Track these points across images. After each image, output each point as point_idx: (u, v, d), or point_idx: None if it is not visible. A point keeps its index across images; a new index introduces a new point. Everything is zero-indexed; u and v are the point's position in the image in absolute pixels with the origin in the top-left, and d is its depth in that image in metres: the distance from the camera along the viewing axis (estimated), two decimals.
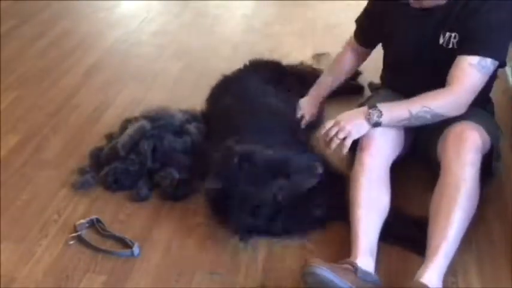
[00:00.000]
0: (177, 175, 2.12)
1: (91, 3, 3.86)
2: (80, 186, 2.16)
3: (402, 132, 1.94)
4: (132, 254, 1.87)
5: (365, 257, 1.72)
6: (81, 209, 2.08)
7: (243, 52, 3.13)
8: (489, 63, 1.85)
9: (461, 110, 1.86)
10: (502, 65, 1.92)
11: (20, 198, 2.15)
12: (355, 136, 1.83)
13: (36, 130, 2.53)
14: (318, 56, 2.99)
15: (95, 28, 3.56)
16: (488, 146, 1.90)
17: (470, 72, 1.83)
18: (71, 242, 1.94)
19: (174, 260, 1.88)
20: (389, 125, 1.86)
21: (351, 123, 1.83)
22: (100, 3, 3.86)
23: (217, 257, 1.88)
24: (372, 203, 1.80)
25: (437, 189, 1.80)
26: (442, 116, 1.85)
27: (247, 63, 2.59)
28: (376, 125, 1.83)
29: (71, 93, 2.81)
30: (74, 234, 1.96)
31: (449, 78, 1.85)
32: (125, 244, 1.92)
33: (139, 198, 2.11)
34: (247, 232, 1.86)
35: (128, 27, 3.52)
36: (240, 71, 2.53)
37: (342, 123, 1.82)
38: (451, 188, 1.75)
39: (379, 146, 1.85)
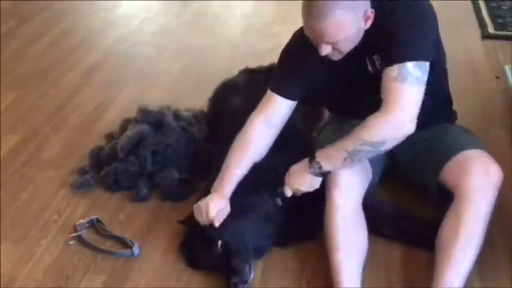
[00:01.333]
0: (177, 175, 2.12)
1: (91, 3, 3.86)
2: (79, 187, 2.16)
3: (367, 162, 1.84)
4: (132, 254, 1.87)
5: None
6: (81, 209, 2.08)
7: (243, 52, 3.13)
8: (411, 68, 1.67)
9: (406, 129, 1.68)
10: (438, 62, 1.79)
11: (20, 198, 2.15)
12: (311, 189, 1.79)
13: (36, 130, 2.53)
14: None
15: (95, 28, 3.56)
16: None
17: (394, 87, 1.67)
18: (71, 242, 1.94)
19: (174, 260, 1.88)
20: (337, 169, 1.76)
21: (302, 185, 1.78)
22: (100, 3, 3.86)
23: None
24: (350, 245, 1.73)
25: (453, 215, 1.73)
26: (384, 143, 1.68)
27: (249, 68, 2.54)
28: (323, 174, 1.76)
29: (71, 93, 2.81)
30: (74, 234, 1.96)
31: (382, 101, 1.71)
32: (125, 244, 1.92)
33: (139, 198, 2.11)
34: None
35: (128, 27, 3.52)
36: (244, 72, 2.50)
37: (295, 187, 1.79)
38: (473, 220, 1.70)
39: (347, 181, 1.76)
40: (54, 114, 2.65)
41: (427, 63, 1.70)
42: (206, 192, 1.90)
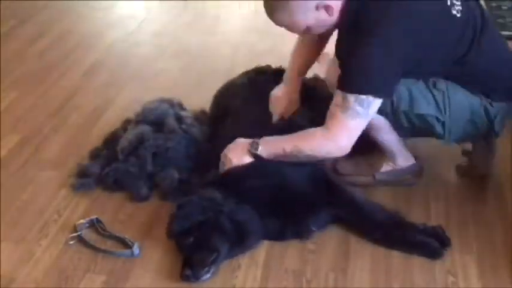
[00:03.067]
0: (177, 175, 2.12)
1: (91, 3, 3.86)
2: (79, 187, 2.16)
3: None
4: (132, 254, 1.87)
5: None
6: (81, 209, 2.08)
7: (243, 52, 3.13)
8: (351, 102, 1.73)
9: (342, 152, 1.83)
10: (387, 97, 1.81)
11: (20, 198, 2.15)
12: (237, 163, 1.90)
13: (36, 130, 2.53)
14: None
15: (94, 28, 3.56)
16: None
17: (338, 115, 1.77)
18: (71, 242, 1.94)
19: (174, 260, 1.87)
20: (272, 158, 1.88)
21: (232, 154, 1.92)
22: (100, 4, 3.86)
23: None
24: None
25: None
26: (317, 157, 1.85)
27: (256, 68, 2.52)
28: (256, 157, 1.88)
29: (71, 93, 2.81)
30: (74, 234, 1.96)
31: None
32: (125, 244, 1.91)
33: (139, 198, 2.11)
34: None
35: (128, 27, 3.52)
36: (247, 73, 2.49)
37: (227, 153, 1.93)
38: None
39: None
40: (54, 114, 2.65)
41: (373, 99, 1.74)
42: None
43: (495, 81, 1.92)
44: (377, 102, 1.77)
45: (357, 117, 1.76)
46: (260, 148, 1.88)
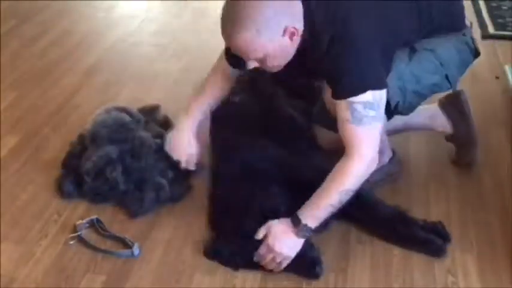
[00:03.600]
0: (164, 180, 2.06)
1: (91, 3, 3.86)
2: (66, 196, 2.11)
3: None
4: (132, 254, 1.87)
5: None
6: (81, 209, 2.08)
7: None
8: (361, 109, 1.66)
9: (377, 160, 1.74)
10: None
11: (20, 198, 2.15)
12: (292, 255, 1.75)
13: (36, 130, 2.53)
14: None
15: (94, 28, 3.56)
16: None
17: (354, 131, 1.68)
18: (71, 242, 1.94)
19: (174, 260, 1.88)
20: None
21: (284, 247, 1.74)
22: (100, 3, 3.85)
23: None
24: None
25: None
26: (362, 180, 1.73)
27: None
28: (310, 234, 1.76)
29: (71, 93, 2.81)
30: (74, 234, 1.96)
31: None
32: (125, 244, 1.92)
33: (134, 214, 2.04)
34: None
35: (128, 27, 3.52)
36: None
37: (277, 249, 1.73)
38: None
39: None
40: (54, 114, 2.65)
41: (375, 92, 1.67)
42: None
43: (451, 14, 1.91)
44: (382, 95, 1.70)
45: (373, 121, 1.68)
46: (311, 225, 1.74)
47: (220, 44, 1.87)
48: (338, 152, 1.74)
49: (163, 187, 2.05)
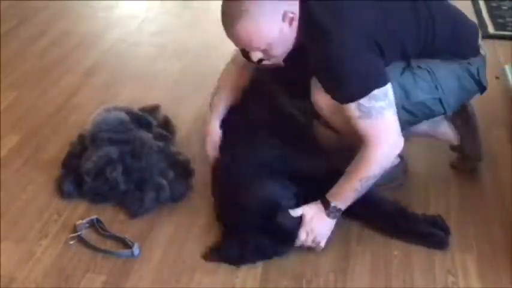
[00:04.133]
0: (164, 180, 2.06)
1: (91, 3, 3.86)
2: (66, 196, 2.12)
3: None
4: (132, 254, 1.87)
5: None
6: (81, 209, 2.08)
7: None
8: (367, 103, 1.67)
9: (400, 144, 1.76)
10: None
11: (20, 198, 2.15)
12: (329, 234, 1.85)
13: (36, 130, 2.53)
14: None
15: (94, 28, 3.56)
16: None
17: (367, 125, 1.69)
18: (71, 242, 1.94)
19: (174, 260, 1.88)
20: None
21: (323, 229, 1.83)
22: (100, 3, 3.85)
23: None
24: None
25: None
26: (387, 166, 1.78)
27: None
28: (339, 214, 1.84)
29: (71, 93, 2.81)
30: (74, 234, 1.96)
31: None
32: (125, 244, 1.92)
33: (134, 214, 2.05)
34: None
35: (127, 27, 3.52)
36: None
37: (317, 230, 1.82)
38: None
39: None
40: (54, 114, 2.65)
41: (382, 88, 1.68)
42: None
43: (458, 40, 1.89)
44: (388, 87, 1.71)
45: (382, 110, 1.68)
46: (340, 207, 1.81)
47: (220, 44, 1.87)
48: (339, 150, 1.75)
49: (164, 187, 2.05)
